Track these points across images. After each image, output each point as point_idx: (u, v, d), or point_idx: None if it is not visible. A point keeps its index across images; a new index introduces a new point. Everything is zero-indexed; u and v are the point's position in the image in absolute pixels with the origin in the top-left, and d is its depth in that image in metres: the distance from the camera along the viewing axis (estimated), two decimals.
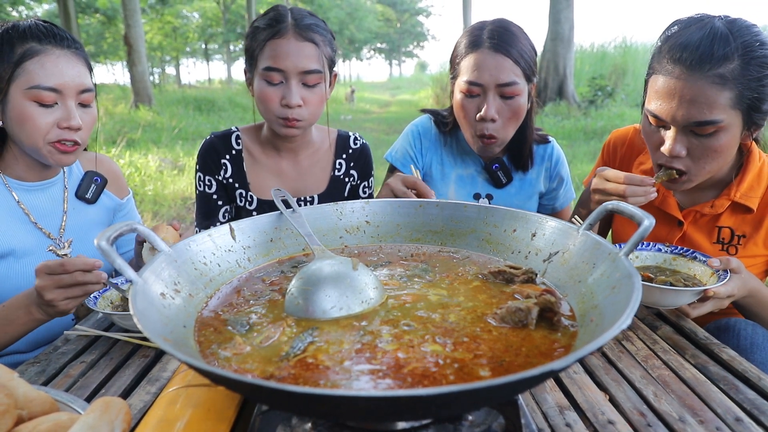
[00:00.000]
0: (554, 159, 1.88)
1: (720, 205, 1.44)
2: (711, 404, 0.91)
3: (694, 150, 1.30)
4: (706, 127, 1.25)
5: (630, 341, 1.14)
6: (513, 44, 1.61)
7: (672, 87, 1.27)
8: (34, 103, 1.34)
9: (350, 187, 1.87)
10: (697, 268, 1.30)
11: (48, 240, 1.49)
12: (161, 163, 7.49)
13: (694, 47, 1.23)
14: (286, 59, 1.55)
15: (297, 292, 0.84)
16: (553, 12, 12.85)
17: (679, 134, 1.30)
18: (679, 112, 1.26)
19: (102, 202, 1.64)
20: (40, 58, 1.34)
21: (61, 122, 1.37)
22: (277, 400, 0.58)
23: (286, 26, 1.55)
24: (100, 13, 24.90)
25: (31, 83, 1.33)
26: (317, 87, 1.61)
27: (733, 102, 1.23)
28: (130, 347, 1.14)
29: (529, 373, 0.51)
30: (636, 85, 14.63)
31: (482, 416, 0.75)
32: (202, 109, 15.17)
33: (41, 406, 0.76)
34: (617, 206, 0.82)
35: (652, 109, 1.33)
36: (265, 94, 1.59)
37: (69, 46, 1.40)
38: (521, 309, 0.78)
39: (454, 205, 1.11)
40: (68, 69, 1.37)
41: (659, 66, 1.32)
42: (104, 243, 0.72)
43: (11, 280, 1.41)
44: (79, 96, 1.40)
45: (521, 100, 1.64)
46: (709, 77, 1.22)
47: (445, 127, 1.88)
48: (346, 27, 44.45)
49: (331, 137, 1.85)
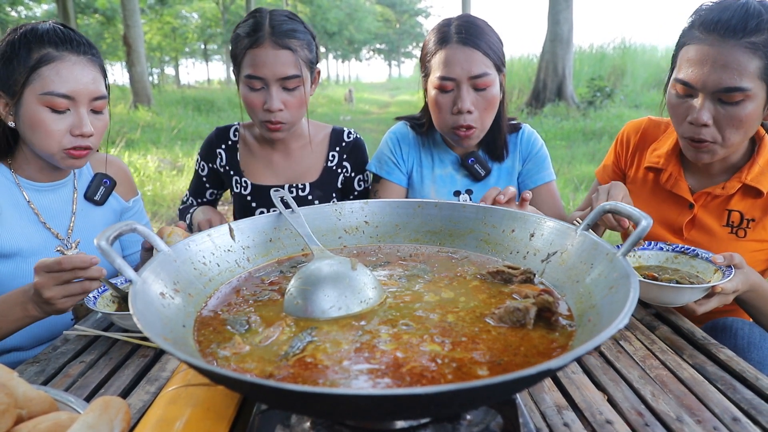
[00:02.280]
0: (524, 140, 1.87)
1: (731, 186, 1.47)
2: (708, 404, 0.92)
3: (720, 119, 1.34)
4: (735, 93, 1.29)
5: (628, 341, 1.14)
6: (481, 37, 1.63)
7: (705, 53, 1.31)
8: (47, 109, 1.35)
9: (343, 179, 1.94)
10: (699, 266, 1.32)
11: (56, 240, 1.50)
12: (160, 163, 7.48)
13: (728, 17, 1.29)
14: (264, 68, 1.64)
15: (296, 291, 0.84)
16: (552, 13, 12.86)
17: (707, 102, 1.34)
18: (710, 77, 1.31)
19: (110, 204, 1.66)
20: (56, 64, 1.35)
21: (74, 129, 1.38)
22: (276, 399, 0.58)
23: (263, 35, 1.64)
24: (99, 14, 24.88)
25: (45, 89, 1.34)
26: (297, 90, 1.70)
27: (761, 72, 1.28)
28: (130, 347, 1.14)
29: (527, 372, 0.52)
30: (635, 86, 14.67)
31: (480, 415, 0.75)
32: (201, 109, 15.16)
33: (41, 406, 0.76)
34: (615, 206, 0.83)
35: (682, 76, 1.37)
36: (249, 99, 1.70)
37: (85, 52, 1.41)
38: (519, 309, 0.78)
39: (452, 206, 1.11)
40: (82, 76, 1.38)
41: (691, 37, 1.36)
42: (104, 243, 0.73)
43: (17, 279, 1.41)
44: (92, 103, 1.41)
45: (494, 91, 1.66)
46: (742, 43, 1.27)
47: (421, 128, 1.91)
48: (345, 27, 44.44)
49: (326, 131, 1.95)
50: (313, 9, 37.95)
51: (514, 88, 15.05)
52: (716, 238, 1.50)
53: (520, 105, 13.48)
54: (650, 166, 1.62)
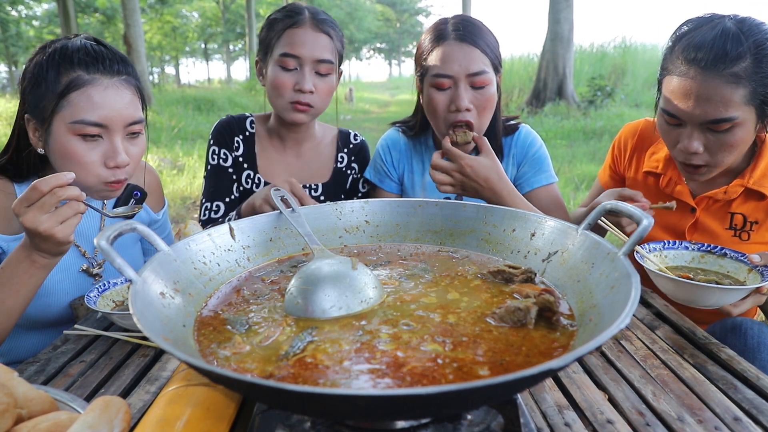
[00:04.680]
0: (519, 142, 1.84)
1: (733, 191, 1.47)
2: (710, 404, 0.92)
3: (711, 145, 1.35)
4: (722, 124, 1.30)
5: (629, 341, 1.14)
6: (478, 35, 1.62)
7: (688, 87, 1.31)
8: (78, 138, 1.25)
9: (352, 180, 1.96)
10: (728, 265, 1.29)
11: (82, 259, 1.45)
12: (160, 162, 7.48)
13: (708, 48, 1.27)
14: (302, 47, 1.66)
15: (296, 291, 0.84)
16: (553, 12, 12.85)
17: (696, 132, 1.34)
18: (695, 111, 1.31)
19: (139, 217, 1.58)
20: (86, 89, 1.24)
21: (108, 161, 1.28)
22: (276, 399, 0.58)
23: (303, 18, 1.68)
24: (100, 13, 24.89)
25: (75, 117, 1.23)
26: (328, 77, 1.72)
27: (747, 99, 1.27)
28: (130, 347, 1.14)
29: (528, 372, 0.51)
30: (635, 85, 14.65)
31: (481, 415, 0.75)
32: (202, 108, 15.15)
33: (41, 405, 0.76)
34: (616, 206, 0.82)
35: (669, 109, 1.36)
36: (279, 80, 1.68)
37: (119, 72, 1.30)
38: (520, 308, 0.78)
39: (453, 205, 1.11)
40: (116, 101, 1.27)
41: (673, 67, 1.36)
42: (104, 243, 0.73)
43: (42, 298, 1.36)
44: (127, 128, 1.30)
45: (492, 90, 1.64)
46: (724, 76, 1.26)
47: (411, 131, 1.89)
48: (345, 27, 44.39)
49: (333, 133, 1.96)
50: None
51: (514, 87, 15.05)
52: (719, 242, 1.49)
53: (521, 104, 13.48)
54: (650, 171, 1.62)
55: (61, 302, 1.41)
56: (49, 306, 1.39)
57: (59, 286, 1.40)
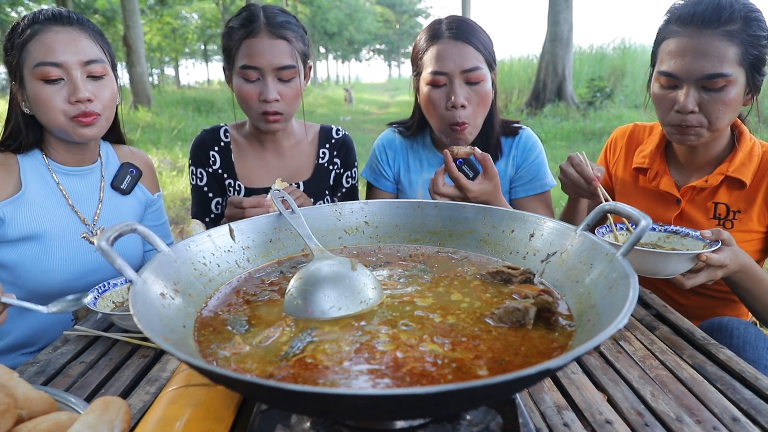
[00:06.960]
0: (521, 145, 1.85)
1: (714, 179, 1.52)
2: (708, 404, 0.92)
3: (705, 105, 1.40)
4: (718, 80, 1.36)
5: (628, 341, 1.14)
6: (472, 33, 1.65)
7: (685, 44, 1.39)
8: (42, 82, 1.36)
9: (335, 176, 1.95)
10: (689, 244, 1.34)
11: (81, 225, 1.51)
12: (160, 164, 7.48)
13: (703, 10, 1.38)
14: (261, 57, 1.63)
15: (296, 292, 0.84)
16: (552, 13, 12.87)
17: (692, 90, 1.40)
18: (693, 66, 1.38)
19: (135, 194, 1.66)
20: (41, 36, 1.36)
21: (70, 97, 1.38)
22: (276, 399, 0.58)
23: (258, 25, 1.63)
24: (99, 14, 24.88)
25: (34, 62, 1.35)
26: (292, 81, 1.69)
27: (739, 58, 1.36)
28: (130, 347, 1.14)
29: (526, 372, 0.52)
30: (635, 86, 14.65)
31: (480, 415, 0.75)
32: (201, 110, 15.17)
33: (41, 406, 0.76)
34: (614, 206, 0.83)
35: (666, 68, 1.43)
36: (244, 91, 1.67)
37: (71, 23, 1.41)
38: (518, 309, 0.78)
39: (452, 206, 1.11)
40: (68, 43, 1.38)
41: (669, 32, 1.44)
42: (104, 243, 0.73)
43: (40, 261, 1.42)
44: (86, 68, 1.40)
45: (487, 86, 1.67)
46: (719, 32, 1.35)
47: (408, 130, 1.91)
48: (345, 28, 44.44)
49: (314, 129, 1.95)
50: (313, 9, 37.94)
51: (513, 88, 15.06)
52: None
53: (520, 105, 13.49)
54: (637, 167, 1.68)
55: (60, 269, 1.45)
56: (48, 271, 1.43)
57: (59, 252, 1.44)
